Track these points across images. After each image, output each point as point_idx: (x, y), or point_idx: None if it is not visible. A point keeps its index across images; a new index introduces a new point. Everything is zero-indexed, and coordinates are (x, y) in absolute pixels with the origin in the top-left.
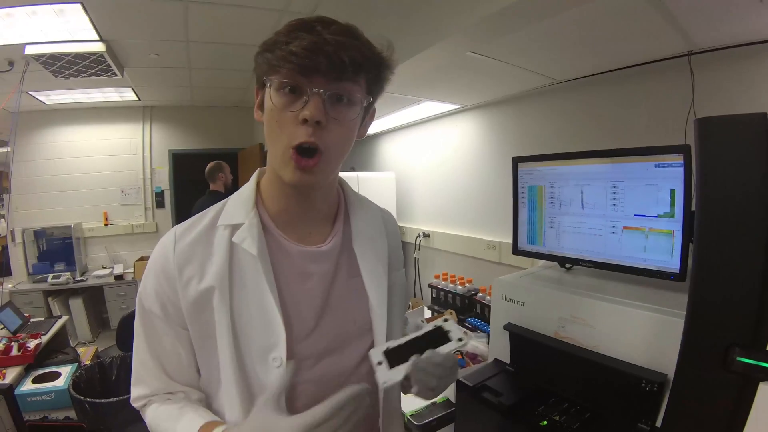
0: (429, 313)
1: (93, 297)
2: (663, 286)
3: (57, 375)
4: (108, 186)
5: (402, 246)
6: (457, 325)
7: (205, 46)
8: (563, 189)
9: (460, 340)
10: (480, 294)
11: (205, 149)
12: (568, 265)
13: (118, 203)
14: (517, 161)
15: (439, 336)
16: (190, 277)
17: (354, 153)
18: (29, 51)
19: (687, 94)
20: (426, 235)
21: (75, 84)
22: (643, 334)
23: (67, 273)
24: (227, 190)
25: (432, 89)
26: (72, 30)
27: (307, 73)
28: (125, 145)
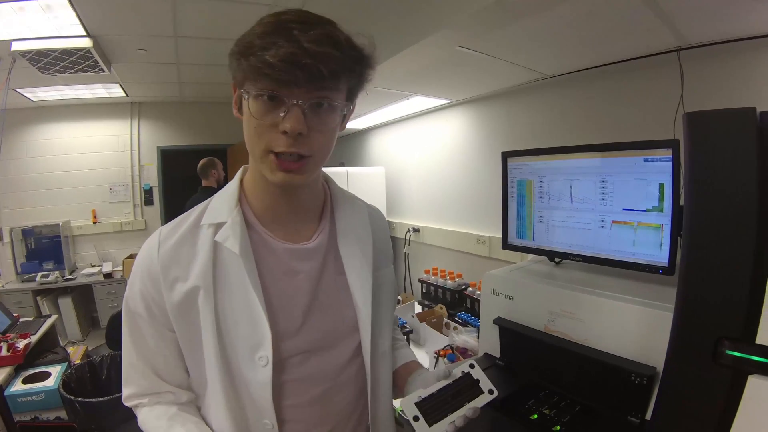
0: (419, 308)
1: (82, 296)
2: (652, 279)
3: (47, 375)
4: (96, 183)
5: (392, 241)
6: (482, 372)
7: (194, 41)
8: (552, 183)
9: (491, 392)
10: (470, 289)
11: (194, 145)
12: (557, 260)
13: (106, 201)
14: (507, 156)
15: (471, 386)
16: (174, 278)
17: (343, 148)
18: (16, 47)
19: (676, 89)
20: (416, 230)
21: (62, 80)
22: (633, 327)
23: (56, 272)
24: (220, 186)
25: (421, 84)
26: (59, 26)
27: (286, 85)
28: (113, 142)
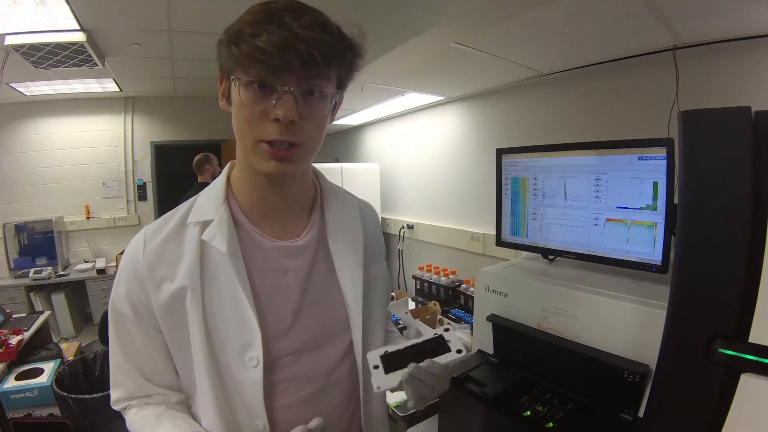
0: (413, 305)
1: (75, 291)
2: (645, 277)
3: (40, 371)
4: (89, 179)
5: (385, 238)
6: (458, 336)
7: (188, 35)
8: (547, 181)
9: (459, 351)
10: (464, 285)
11: (188, 141)
12: (551, 257)
13: (99, 196)
14: (501, 153)
15: (439, 345)
16: (161, 278)
17: (338, 144)
18: (9, 41)
19: (671, 88)
20: (410, 227)
21: (55, 75)
22: (626, 325)
23: (49, 268)
24: None
25: (417, 80)
26: (53, 20)
27: (278, 72)
28: (107, 137)
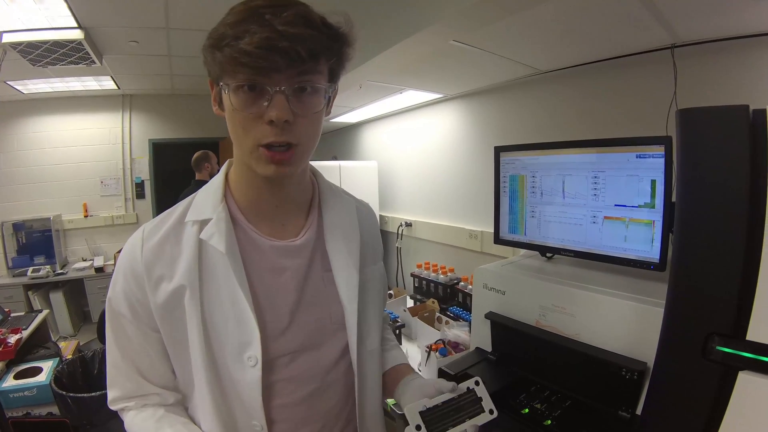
0: (411, 303)
1: (74, 290)
2: (643, 275)
3: (39, 370)
4: (87, 177)
5: (383, 235)
6: (486, 391)
7: (186, 33)
8: (545, 179)
9: (491, 412)
10: (462, 283)
11: (186, 138)
12: (549, 255)
13: (97, 194)
14: (499, 151)
15: (473, 403)
16: (159, 277)
17: (336, 142)
18: (6, 39)
19: (669, 86)
20: (408, 225)
21: (53, 73)
22: (624, 322)
23: (47, 266)
24: None
25: (415, 78)
26: (50, 17)
27: (266, 73)
28: (104, 135)
